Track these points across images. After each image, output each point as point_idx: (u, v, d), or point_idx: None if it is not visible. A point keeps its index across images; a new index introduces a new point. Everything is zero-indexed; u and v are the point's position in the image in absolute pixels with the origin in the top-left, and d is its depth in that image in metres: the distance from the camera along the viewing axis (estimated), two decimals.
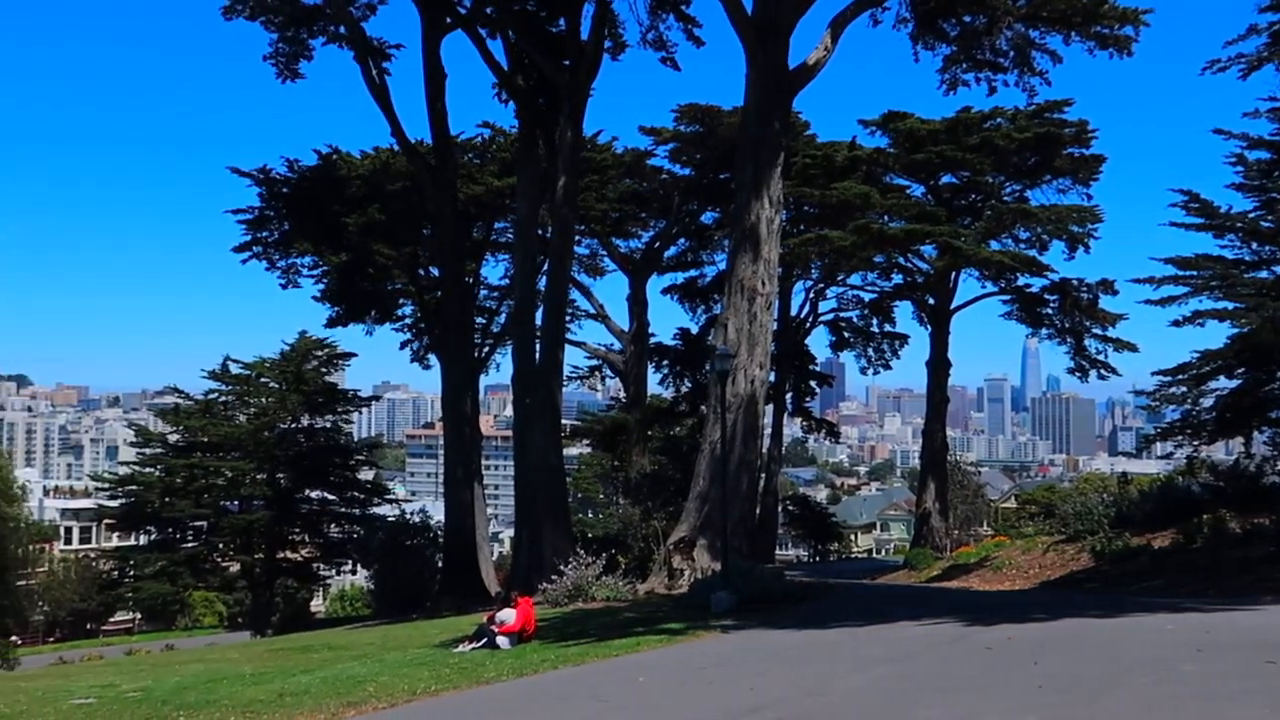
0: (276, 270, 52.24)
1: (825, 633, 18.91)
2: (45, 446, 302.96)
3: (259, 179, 49.05)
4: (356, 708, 13.43)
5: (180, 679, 19.18)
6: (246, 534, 61.63)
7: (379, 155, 50.51)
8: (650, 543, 35.27)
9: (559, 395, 39.30)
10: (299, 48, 42.71)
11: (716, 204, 55.20)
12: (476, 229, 51.61)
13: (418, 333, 56.68)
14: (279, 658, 22.86)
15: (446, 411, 47.09)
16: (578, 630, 20.21)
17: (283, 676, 17.75)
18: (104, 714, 14.59)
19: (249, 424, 63.14)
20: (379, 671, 16.89)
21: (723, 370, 26.77)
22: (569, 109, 37.42)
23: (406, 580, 42.68)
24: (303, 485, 63.88)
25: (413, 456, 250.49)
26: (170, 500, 62.01)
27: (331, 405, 65.66)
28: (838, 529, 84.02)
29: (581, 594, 27.76)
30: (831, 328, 63.66)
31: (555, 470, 37.69)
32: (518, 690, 14.25)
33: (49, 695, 18.23)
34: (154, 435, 71.72)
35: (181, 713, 13.97)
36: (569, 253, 41.38)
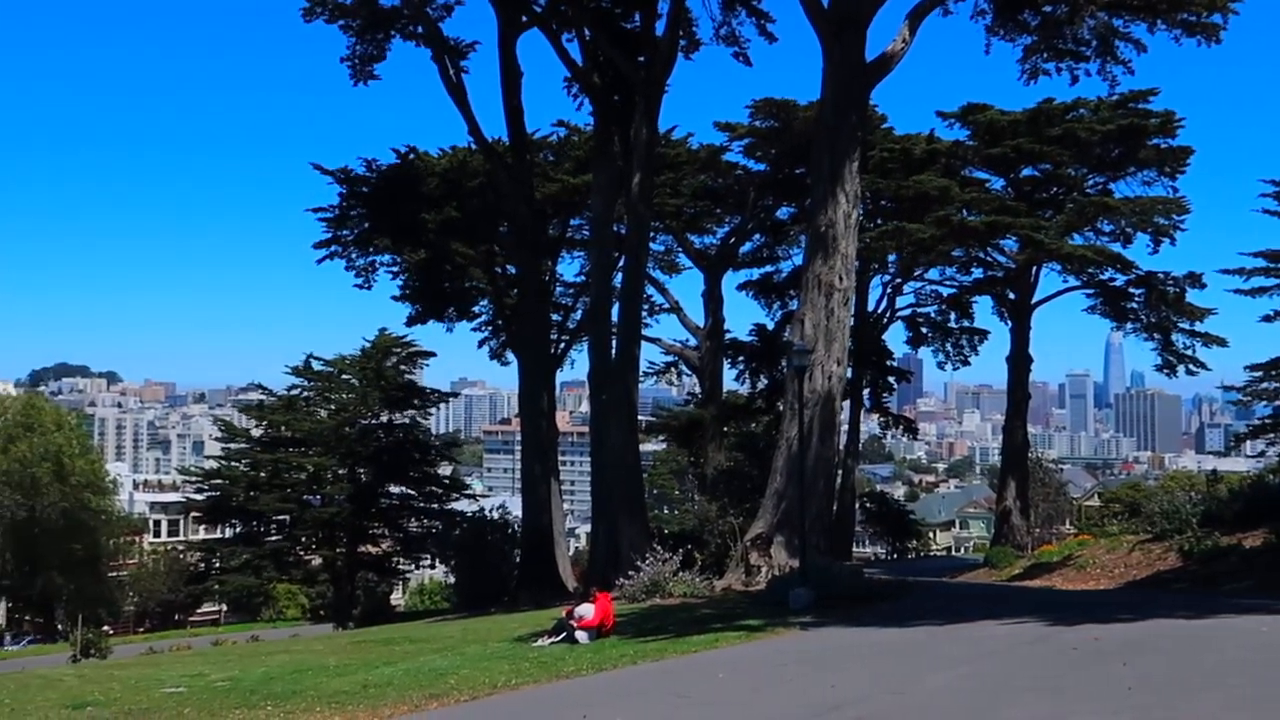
0: (355, 269, 52.95)
1: (906, 631, 18.73)
2: (134, 441, 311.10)
3: (340, 178, 49.77)
4: (439, 700, 13.60)
5: (267, 669, 19.57)
6: (328, 528, 62.64)
7: (456, 154, 50.95)
8: (727, 539, 35.13)
9: (635, 391, 39.41)
10: (374, 49, 43.17)
11: (792, 199, 54.87)
12: (552, 226, 51.87)
13: (495, 330, 57.12)
14: (361, 650, 23.21)
15: (523, 408, 47.44)
16: (656, 626, 20.24)
17: (366, 668, 18.03)
18: (194, 703, 14.91)
19: (330, 420, 64.16)
20: (460, 665, 17.08)
21: (800, 366, 26.62)
22: (644, 105, 37.45)
23: (485, 575, 43.10)
24: (383, 480, 64.75)
25: (489, 452, 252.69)
26: (255, 494, 63.21)
27: (410, 401, 66.49)
28: (916, 526, 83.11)
29: (658, 590, 27.78)
30: (909, 323, 62.98)
31: (632, 466, 37.80)
32: (597, 685, 14.33)
33: (141, 684, 18.71)
34: (239, 430, 73.21)
35: (269, 702, 14.24)
36: (644, 249, 41.43)
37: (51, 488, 74.37)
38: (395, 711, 13.00)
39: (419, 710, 13.08)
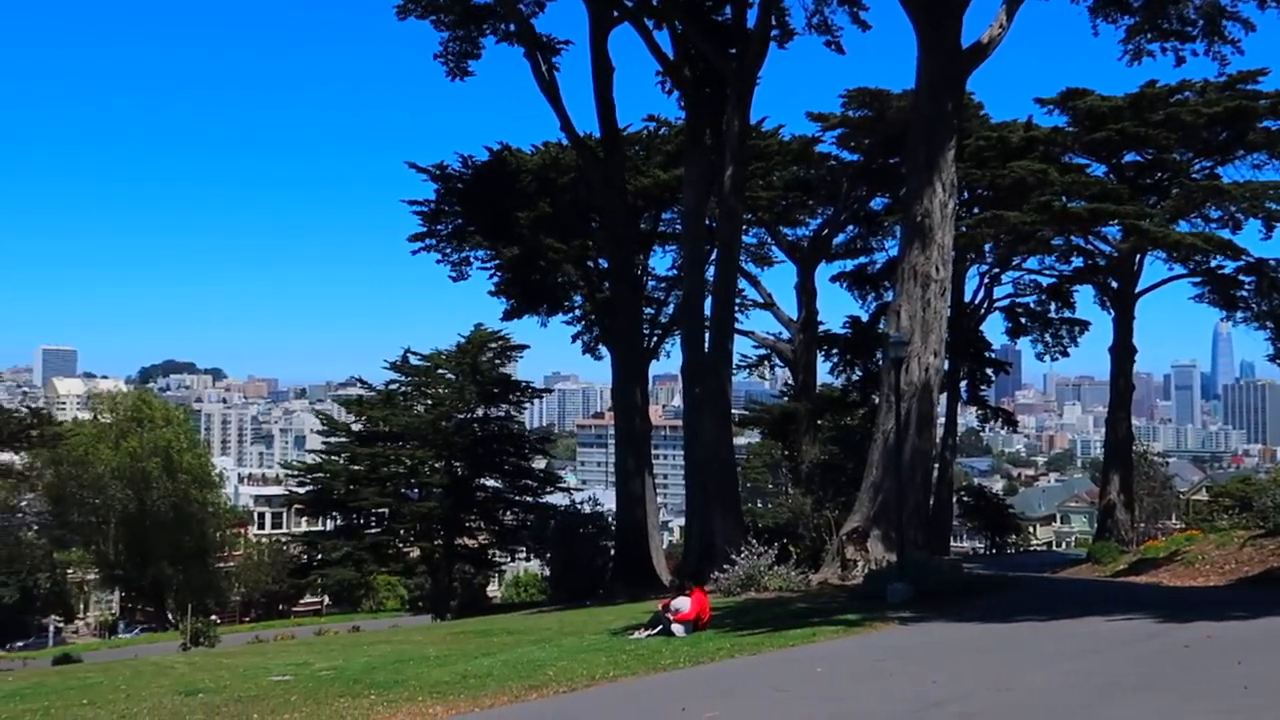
0: (449, 263, 53.59)
1: (1008, 627, 18.40)
2: (239, 436, 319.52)
3: (435, 175, 50.43)
4: (538, 691, 13.71)
5: (369, 659, 19.94)
6: (426, 521, 63.56)
7: (548, 150, 51.28)
8: (822, 533, 34.96)
9: (728, 385, 39.32)
10: (469, 46, 43.63)
11: (886, 189, 54.20)
12: (644, 220, 51.91)
13: (588, 324, 57.37)
14: (460, 641, 23.53)
15: (617, 402, 47.60)
16: (752, 620, 20.18)
17: (465, 659, 18.26)
18: (300, 691, 15.22)
19: (427, 414, 65.06)
20: (558, 656, 17.21)
21: (896, 358, 26.31)
22: (735, 98, 37.30)
23: (580, 567, 43.40)
24: (478, 473, 65.49)
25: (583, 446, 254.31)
26: (354, 487, 64.38)
27: (505, 396, 67.14)
28: (1015, 521, 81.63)
29: (754, 583, 27.71)
30: (1007, 314, 61.77)
31: (726, 460, 37.71)
32: (695, 678, 14.32)
33: (249, 672, 19.21)
34: (339, 425, 74.64)
35: (373, 691, 14.49)
36: (737, 242, 41.30)
37: (161, 481, 76.79)
38: (496, 702, 13.15)
39: (519, 701, 13.20)
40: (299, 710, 13.22)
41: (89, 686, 18.62)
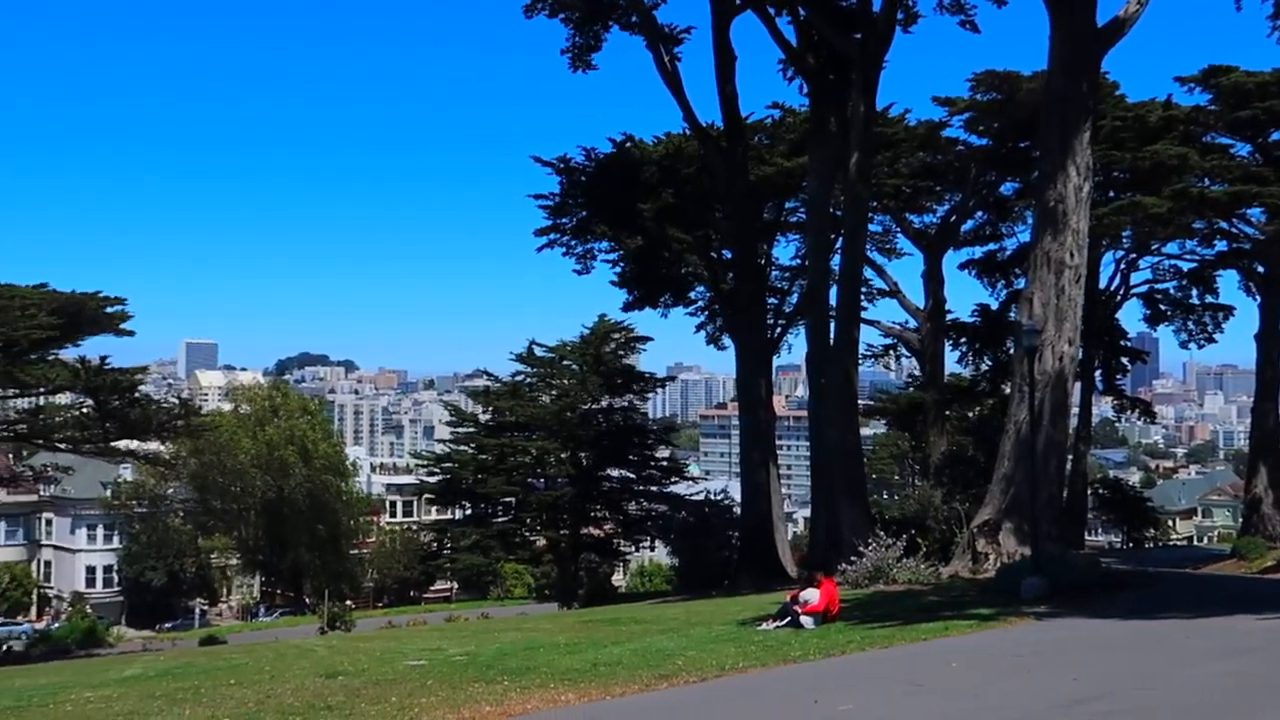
0: (574, 256, 54.09)
1: (1150, 624, 17.84)
2: (370, 426, 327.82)
3: (559, 168, 50.90)
4: (668, 680, 13.78)
5: (500, 646, 20.26)
6: (552, 510, 64.38)
7: (671, 140, 51.34)
8: (952, 525, 34.30)
9: (855, 375, 38.87)
10: (592, 39, 43.94)
11: (1016, 174, 52.86)
12: (767, 210, 51.61)
13: (711, 314, 57.34)
14: (588, 629, 23.74)
15: (740, 393, 47.50)
16: (882, 612, 19.95)
17: (595, 647, 18.43)
18: (435, 675, 15.55)
19: (553, 405, 65.83)
20: (686, 646, 17.25)
21: (1030, 347, 25.67)
22: (860, 83, 36.78)
23: (705, 558, 43.48)
24: (603, 464, 66.02)
25: (706, 436, 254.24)
26: (482, 477, 65.52)
27: (629, 386, 67.55)
28: (1153, 514, 78.97)
29: (882, 576, 27.41)
30: (1145, 300, 59.80)
31: (852, 451, 37.31)
32: (826, 670, 14.23)
33: (386, 656, 19.68)
34: (466, 415, 76.04)
35: (505, 677, 14.72)
36: (862, 230, 40.76)
37: (298, 470, 79.34)
38: (626, 690, 13.24)
39: (649, 690, 13.28)
40: (435, 694, 13.50)
41: (235, 667, 19.31)
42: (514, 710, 12.28)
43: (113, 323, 45.53)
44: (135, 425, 46.92)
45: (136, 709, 13.78)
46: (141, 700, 14.75)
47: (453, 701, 12.88)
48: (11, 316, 40.18)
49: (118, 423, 45.96)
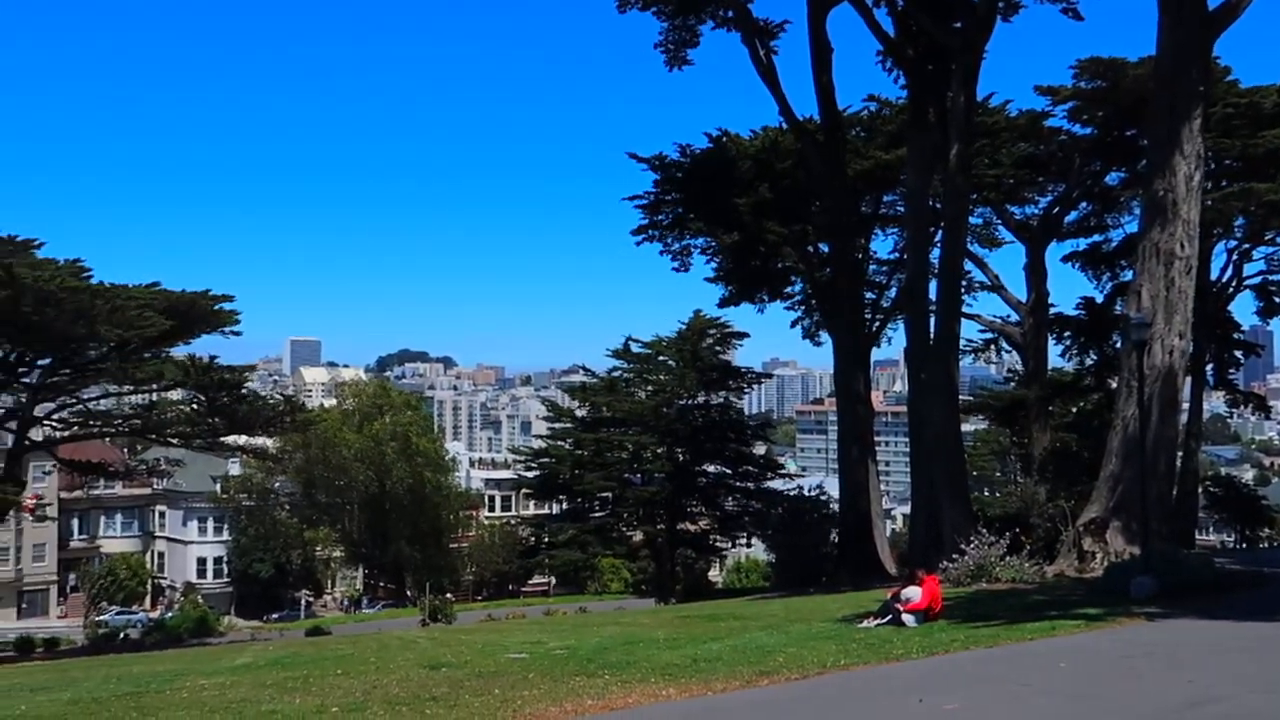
0: (671, 253, 54.12)
1: (1268, 626, 17.24)
2: (469, 422, 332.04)
3: (654, 165, 50.99)
4: (769, 677, 13.74)
5: (600, 640, 20.39)
6: (648, 505, 64.58)
7: (767, 135, 51.07)
8: (1056, 523, 33.57)
9: (955, 370, 38.31)
10: (687, 34, 43.89)
11: (1123, 163, 51.43)
12: (865, 203, 51.09)
13: (808, 309, 56.94)
14: (687, 625, 23.78)
15: (838, 388, 47.10)
16: (985, 611, 19.62)
17: (694, 643, 18.44)
18: (537, 668, 15.72)
19: (649, 400, 66.02)
20: (786, 643, 17.18)
21: (1138, 341, 24.99)
22: (960, 74, 36.18)
23: (803, 555, 43.22)
24: (699, 459, 66.04)
25: (802, 432, 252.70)
26: (579, 472, 65.98)
27: (725, 382, 67.46)
28: (1268, 513, 76.35)
29: (984, 574, 26.94)
30: (1259, 292, 57.64)
31: (953, 447, 36.75)
32: (930, 669, 14.05)
33: (487, 649, 19.95)
34: (564, 411, 76.64)
35: (606, 671, 14.82)
36: (963, 222, 40.12)
37: (399, 465, 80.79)
38: (727, 686, 13.24)
39: (750, 686, 13.26)
40: (537, 687, 13.65)
41: (341, 658, 19.74)
42: (615, 704, 12.35)
43: (222, 321, 46.75)
44: (243, 421, 48.18)
45: (249, 697, 14.17)
46: (253, 689, 15.17)
47: (554, 695, 13.00)
48: (126, 316, 41.47)
49: (226, 418, 47.24)
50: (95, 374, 46.88)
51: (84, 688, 17.01)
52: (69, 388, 47.77)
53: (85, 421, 49.85)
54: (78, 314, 40.64)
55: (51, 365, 45.37)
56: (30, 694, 16.74)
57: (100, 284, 42.75)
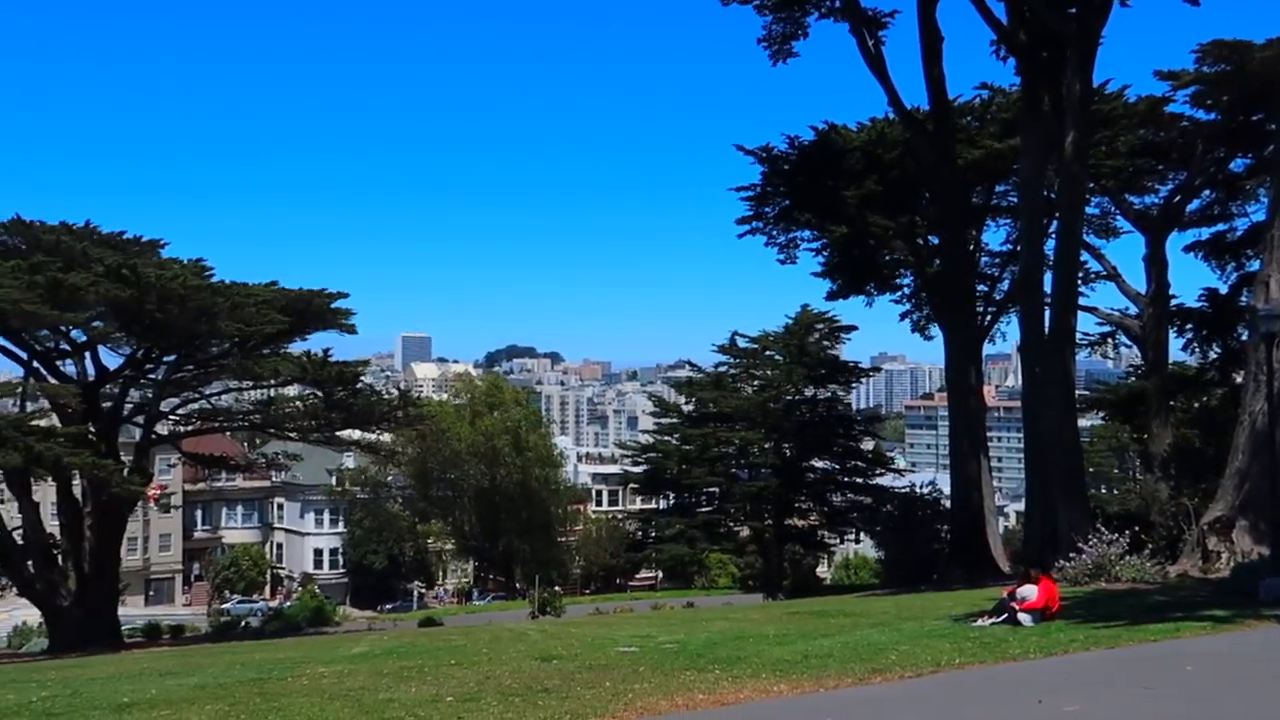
0: (776, 245, 53.79)
1: None
2: (575, 417, 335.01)
3: (761, 157, 50.70)
4: (882, 674, 13.57)
5: (709, 635, 20.37)
6: (756, 501, 64.35)
7: (874, 126, 50.41)
8: (1179, 522, 32.59)
9: (1071, 364, 37.34)
10: (793, 26, 43.47)
11: (1249, 149, 49.51)
12: (976, 194, 50.11)
13: (917, 302, 56.10)
14: (796, 621, 23.62)
15: (950, 382, 46.36)
16: (1105, 611, 19.13)
17: (804, 639, 18.32)
18: (647, 662, 15.76)
19: (756, 395, 65.78)
20: (898, 640, 16.96)
21: (1267, 333, 24.07)
22: (1076, 60, 35.24)
23: (914, 551, 42.62)
24: (807, 455, 65.60)
25: (911, 428, 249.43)
26: (686, 467, 66.05)
27: (833, 377, 66.88)
28: None
29: (1103, 573, 26.28)
30: None
31: (1069, 443, 35.82)
32: (1048, 669, 13.73)
33: (597, 642, 20.07)
34: (670, 406, 76.76)
35: (716, 666, 14.80)
36: (1079, 213, 39.09)
37: (510, 459, 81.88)
38: (840, 683, 13.11)
39: (863, 683, 13.11)
40: (648, 680, 13.69)
41: (454, 648, 20.05)
42: (727, 699, 12.33)
43: (337, 318, 47.83)
44: (358, 415, 49.25)
45: (366, 685, 14.48)
46: (371, 677, 15.50)
47: (666, 688, 13.02)
48: (246, 314, 42.71)
49: (342, 413, 48.32)
50: (217, 370, 48.32)
51: (210, 673, 17.57)
52: (192, 384, 49.32)
53: (208, 416, 51.55)
54: (200, 312, 41.98)
55: (176, 362, 46.92)
56: (160, 678, 17.35)
57: (221, 282, 44.13)
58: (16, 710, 14.02)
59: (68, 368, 46.68)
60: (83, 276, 40.73)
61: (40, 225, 44.76)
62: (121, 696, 14.60)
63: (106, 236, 46.18)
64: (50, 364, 46.11)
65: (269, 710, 12.53)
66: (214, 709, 12.85)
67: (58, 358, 46.43)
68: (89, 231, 45.84)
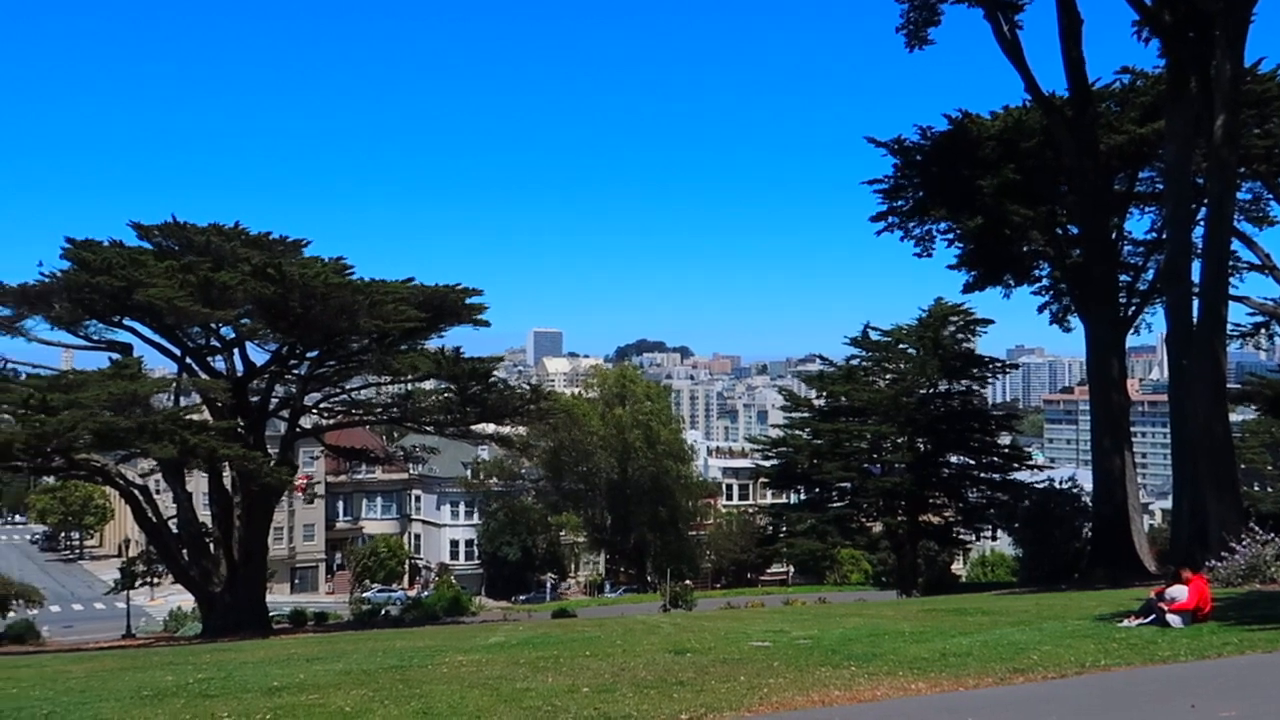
0: (912, 239, 52.90)
1: None
2: (705, 411, 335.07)
3: (893, 149, 49.90)
4: (1024, 674, 13.29)
5: (844, 631, 20.20)
6: (889, 496, 63.42)
7: (1010, 114, 49.12)
8: None
9: (1222, 356, 35.89)
10: (928, 13, 42.70)
11: None
12: (1118, 181, 48.45)
13: (1056, 294, 54.55)
14: (933, 618, 23.24)
15: (1091, 375, 44.99)
16: (1261, 614, 18.39)
17: (941, 637, 18.04)
18: (781, 657, 15.72)
19: (889, 389, 64.83)
20: (1039, 640, 16.57)
21: None
22: (1225, 39, 33.83)
23: (1054, 549, 41.57)
24: (942, 450, 64.40)
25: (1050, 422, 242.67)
26: (817, 462, 65.41)
27: (968, 370, 65.51)
28: None
29: (1257, 574, 25.30)
30: None
31: (1220, 439, 34.45)
32: (1200, 673, 13.25)
33: (729, 636, 20.08)
34: (801, 400, 76.12)
35: (851, 663, 14.67)
36: (1229, 198, 37.51)
37: (641, 452, 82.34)
38: (980, 683, 12.88)
39: (1004, 683, 12.86)
40: (783, 675, 13.66)
41: (588, 640, 20.29)
42: (863, 696, 12.23)
43: (471, 314, 48.75)
44: (492, 409, 50.14)
45: (504, 674, 14.77)
46: (508, 666, 15.81)
47: (801, 684, 12.98)
48: (384, 310, 43.87)
49: (477, 407, 49.27)
50: (357, 365, 49.74)
51: (353, 659, 18.13)
52: (334, 379, 50.87)
53: (348, 410, 53.13)
54: (340, 309, 43.28)
55: (318, 357, 48.47)
56: (307, 663, 17.96)
57: (361, 280, 45.39)
58: (175, 691, 14.69)
59: (218, 364, 48.66)
60: (232, 275, 42.40)
61: (192, 227, 46.70)
62: (271, 680, 15.18)
63: (254, 237, 47.90)
64: (202, 360, 48.11)
65: (411, 696, 12.88)
66: (359, 694, 13.27)
67: (208, 354, 48.43)
68: (237, 232, 47.61)
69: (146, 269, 42.86)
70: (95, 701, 13.92)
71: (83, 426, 39.10)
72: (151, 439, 40.39)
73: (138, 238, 46.94)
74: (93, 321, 46.43)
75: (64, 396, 39.82)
